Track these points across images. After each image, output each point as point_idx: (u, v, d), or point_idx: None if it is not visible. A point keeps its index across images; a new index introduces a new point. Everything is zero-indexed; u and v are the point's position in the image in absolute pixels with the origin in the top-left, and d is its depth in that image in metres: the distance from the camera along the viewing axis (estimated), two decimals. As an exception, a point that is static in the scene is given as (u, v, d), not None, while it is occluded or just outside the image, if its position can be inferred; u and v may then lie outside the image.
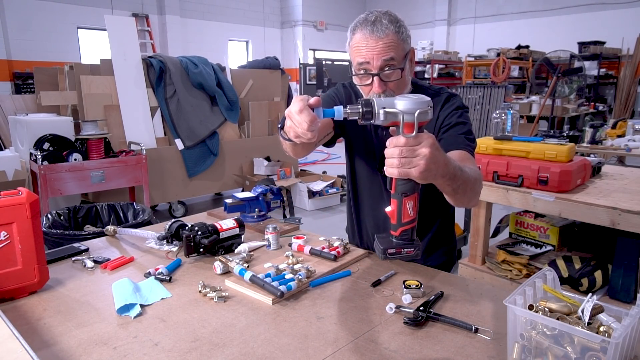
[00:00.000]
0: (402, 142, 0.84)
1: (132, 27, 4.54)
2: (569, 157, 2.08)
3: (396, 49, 1.20)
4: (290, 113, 0.93)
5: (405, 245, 0.89)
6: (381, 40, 1.19)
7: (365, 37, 1.20)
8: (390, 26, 1.19)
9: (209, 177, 4.84)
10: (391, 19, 1.21)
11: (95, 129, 3.80)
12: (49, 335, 0.98)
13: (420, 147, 0.85)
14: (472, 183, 1.08)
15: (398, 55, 1.21)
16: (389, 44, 1.19)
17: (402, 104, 0.83)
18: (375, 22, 1.20)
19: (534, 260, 2.33)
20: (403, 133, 0.84)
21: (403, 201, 0.87)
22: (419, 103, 0.83)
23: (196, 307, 1.10)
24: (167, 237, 1.45)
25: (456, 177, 0.99)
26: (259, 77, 5.35)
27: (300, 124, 0.90)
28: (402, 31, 1.21)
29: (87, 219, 2.83)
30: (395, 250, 0.89)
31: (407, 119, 0.83)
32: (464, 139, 1.27)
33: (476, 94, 6.64)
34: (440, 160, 0.89)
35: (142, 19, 10.91)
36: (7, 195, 1.11)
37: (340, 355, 0.92)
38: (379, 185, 1.47)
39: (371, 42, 1.19)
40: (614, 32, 10.20)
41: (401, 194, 0.88)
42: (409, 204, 0.87)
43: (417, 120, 0.82)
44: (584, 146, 4.23)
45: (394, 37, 1.20)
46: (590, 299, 0.84)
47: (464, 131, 1.29)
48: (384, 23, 1.19)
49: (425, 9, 13.99)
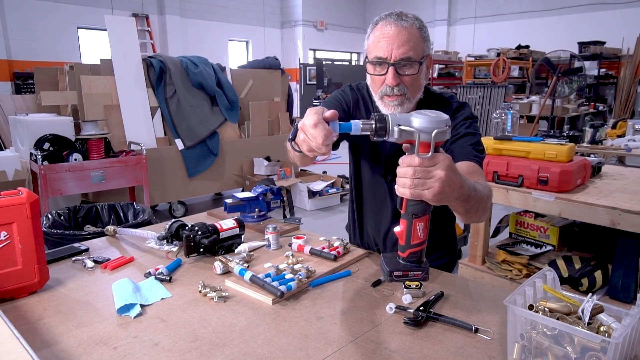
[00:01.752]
0: (417, 162, 0.81)
1: (132, 27, 4.54)
2: (569, 157, 2.08)
3: (416, 45, 1.18)
4: (305, 126, 0.87)
5: (413, 268, 0.86)
6: (405, 30, 1.18)
7: (389, 24, 1.19)
8: (415, 22, 1.20)
9: (209, 177, 4.84)
10: (415, 17, 1.23)
11: (95, 129, 3.80)
12: (49, 335, 0.98)
13: (436, 169, 0.81)
14: (484, 202, 1.04)
15: (417, 51, 1.19)
16: (411, 36, 1.18)
17: (419, 121, 0.78)
18: (401, 14, 1.21)
19: (534, 260, 2.33)
20: (418, 153, 0.80)
21: (413, 222, 0.84)
22: (437, 122, 0.78)
23: (196, 307, 1.10)
24: (167, 237, 1.45)
25: (470, 198, 0.96)
26: (259, 77, 5.35)
27: (315, 138, 0.85)
28: (424, 32, 1.22)
29: (87, 219, 2.83)
30: (402, 273, 0.86)
31: (423, 138, 0.78)
32: (472, 150, 1.24)
33: (476, 94, 6.64)
34: (456, 182, 0.86)
35: (142, 19, 10.91)
36: (7, 195, 1.11)
37: (340, 355, 0.92)
38: (383, 190, 1.45)
39: (391, 32, 1.17)
40: (614, 32, 10.20)
41: (412, 214, 0.84)
42: (419, 226, 0.84)
43: (434, 140, 0.78)
44: (584, 146, 4.23)
45: (417, 33, 1.20)
46: (590, 299, 0.84)
47: (473, 142, 1.26)
48: (410, 17, 1.21)
49: (425, 9, 13.98)
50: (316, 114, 0.86)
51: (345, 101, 1.43)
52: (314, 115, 0.86)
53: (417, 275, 0.86)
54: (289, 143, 0.99)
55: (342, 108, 1.42)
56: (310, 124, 0.85)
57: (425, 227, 0.84)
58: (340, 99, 1.44)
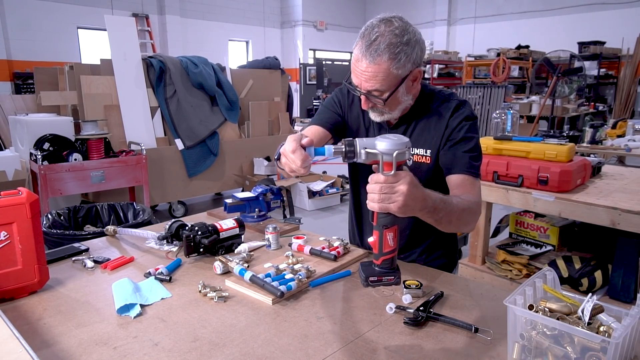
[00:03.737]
0: (382, 179, 0.91)
1: (132, 27, 4.54)
2: (569, 157, 2.08)
3: (384, 80, 1.14)
4: (285, 152, 1.00)
5: (386, 273, 0.96)
6: (370, 67, 1.13)
7: (359, 56, 1.15)
8: (384, 53, 1.11)
9: (209, 177, 4.84)
10: (391, 43, 1.11)
11: (95, 129, 3.80)
12: (49, 335, 0.98)
13: (398, 185, 0.91)
14: (457, 213, 1.11)
15: (385, 85, 1.15)
16: (379, 71, 1.13)
17: (382, 145, 0.89)
18: (373, 43, 1.12)
19: (534, 260, 2.33)
20: (383, 171, 0.90)
21: (384, 233, 0.93)
22: (398, 144, 0.88)
23: (196, 307, 1.10)
24: (167, 237, 1.45)
25: (437, 210, 1.04)
26: (259, 77, 5.35)
27: (295, 161, 0.98)
28: (399, 58, 1.12)
29: (87, 219, 2.83)
30: (376, 278, 0.96)
31: (386, 159, 0.89)
32: (467, 160, 1.25)
33: (476, 94, 6.64)
34: (418, 196, 0.95)
35: (142, 19, 10.90)
36: (7, 195, 1.11)
37: (340, 355, 0.92)
38: None
39: (362, 65, 1.14)
40: (614, 32, 10.19)
41: (382, 226, 0.94)
42: (389, 236, 0.93)
43: (395, 160, 0.89)
44: (584, 146, 4.23)
45: (386, 67, 1.12)
46: (590, 299, 0.84)
47: (469, 148, 1.26)
48: (380, 48, 1.11)
49: (425, 9, 13.99)
50: (295, 142, 0.99)
51: (341, 103, 1.45)
52: (293, 142, 0.99)
53: (390, 280, 0.96)
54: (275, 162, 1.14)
55: (337, 112, 1.45)
56: (289, 150, 0.98)
57: (394, 237, 0.94)
58: (336, 101, 1.46)
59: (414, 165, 1.32)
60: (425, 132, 1.32)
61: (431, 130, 1.31)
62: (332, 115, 1.44)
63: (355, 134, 1.45)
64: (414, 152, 1.32)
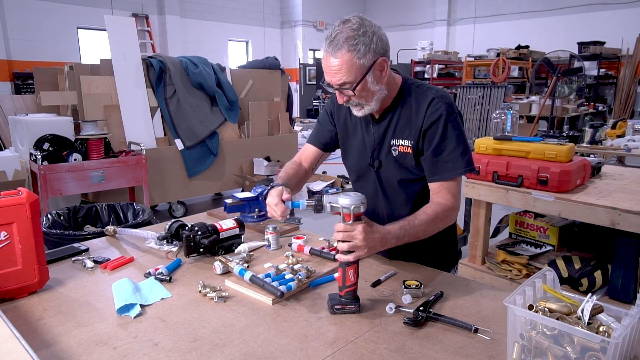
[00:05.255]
0: (342, 227, 1.09)
1: (132, 27, 4.53)
2: (569, 157, 2.08)
3: (349, 71, 1.22)
4: (269, 203, 1.26)
5: (349, 302, 1.09)
6: (335, 61, 1.22)
7: (324, 55, 1.26)
8: (344, 46, 1.20)
9: (209, 177, 4.84)
10: (348, 36, 1.20)
11: (95, 129, 3.79)
12: (49, 335, 0.98)
13: (355, 233, 1.08)
14: (423, 229, 1.24)
15: (352, 76, 1.23)
16: (341, 66, 1.22)
17: (342, 201, 1.08)
18: (333, 41, 1.21)
19: (533, 260, 2.33)
20: (344, 221, 1.09)
21: (346, 270, 1.08)
22: (355, 200, 1.07)
23: (196, 307, 1.10)
24: (167, 237, 1.45)
25: (400, 238, 1.19)
26: (259, 77, 5.35)
27: (275, 212, 1.25)
28: (358, 48, 1.20)
29: (87, 219, 2.83)
30: (340, 306, 1.09)
31: (345, 212, 1.08)
32: (443, 165, 1.30)
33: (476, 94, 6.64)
34: (376, 238, 1.12)
35: (142, 19, 10.91)
36: (7, 195, 1.11)
37: (340, 355, 0.92)
38: (373, 179, 1.46)
39: (328, 63, 1.24)
40: (614, 32, 10.20)
41: (344, 264, 1.08)
42: (350, 272, 1.09)
43: (352, 213, 1.07)
44: (584, 146, 4.23)
45: (347, 58, 1.20)
46: (590, 299, 0.84)
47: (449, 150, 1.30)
48: (339, 43, 1.20)
49: (425, 9, 13.99)
50: (277, 197, 1.24)
51: (332, 113, 1.54)
52: (276, 197, 1.25)
53: (351, 309, 1.09)
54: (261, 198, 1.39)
55: (329, 125, 1.55)
56: (272, 203, 1.25)
57: (355, 273, 1.09)
58: (328, 112, 1.56)
59: (400, 156, 1.37)
60: (407, 124, 1.36)
61: (411, 122, 1.35)
62: (324, 132, 1.56)
63: (344, 137, 1.52)
64: (399, 143, 1.37)
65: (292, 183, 1.48)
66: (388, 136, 1.38)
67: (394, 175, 1.40)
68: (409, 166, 1.36)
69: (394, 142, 1.37)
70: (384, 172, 1.42)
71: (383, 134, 1.39)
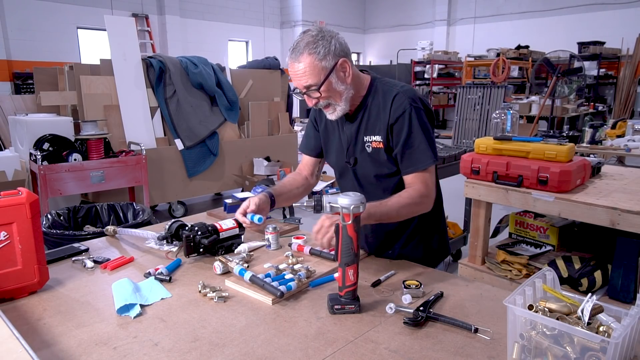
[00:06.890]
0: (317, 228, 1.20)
1: (132, 27, 4.53)
2: (569, 157, 2.07)
3: (312, 73, 1.30)
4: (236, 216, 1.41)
5: (349, 302, 1.10)
6: (299, 67, 1.30)
7: (289, 63, 1.34)
8: (305, 50, 1.29)
9: (209, 177, 4.84)
10: (308, 42, 1.29)
11: (95, 129, 3.79)
12: (49, 335, 0.98)
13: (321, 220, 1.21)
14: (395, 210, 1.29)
15: (315, 77, 1.30)
16: (305, 69, 1.30)
17: (342, 201, 1.09)
18: (295, 48, 1.31)
19: (533, 260, 2.32)
20: (344, 220, 1.10)
21: (346, 270, 1.09)
22: (355, 200, 1.09)
23: (196, 307, 1.10)
24: (167, 237, 1.45)
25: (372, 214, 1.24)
26: (259, 77, 5.35)
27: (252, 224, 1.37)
28: (318, 51, 1.29)
29: (87, 219, 2.83)
30: (340, 306, 1.09)
31: (344, 212, 1.09)
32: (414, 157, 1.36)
33: (476, 94, 6.63)
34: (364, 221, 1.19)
35: (142, 19, 10.90)
36: (7, 195, 1.11)
37: (340, 355, 0.92)
38: (351, 177, 1.51)
39: (293, 69, 1.33)
40: (614, 32, 10.20)
41: (344, 264, 1.09)
42: (350, 272, 1.09)
43: (352, 213, 1.08)
44: (584, 146, 4.23)
45: (309, 61, 1.29)
46: (590, 299, 0.84)
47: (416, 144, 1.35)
48: (300, 48, 1.30)
49: (425, 9, 13.98)
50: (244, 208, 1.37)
51: (314, 117, 1.62)
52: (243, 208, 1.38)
53: (351, 308, 1.09)
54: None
55: (314, 133, 1.62)
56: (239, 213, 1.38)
57: (354, 273, 1.10)
58: (312, 120, 1.64)
59: (374, 151, 1.42)
60: (377, 120, 1.41)
61: (380, 118, 1.40)
62: (311, 140, 1.64)
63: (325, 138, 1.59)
64: (372, 139, 1.42)
65: (285, 190, 1.55)
66: (361, 133, 1.44)
67: (370, 171, 1.45)
68: (383, 161, 1.41)
69: (367, 138, 1.42)
70: (360, 168, 1.47)
71: (356, 131, 1.45)
